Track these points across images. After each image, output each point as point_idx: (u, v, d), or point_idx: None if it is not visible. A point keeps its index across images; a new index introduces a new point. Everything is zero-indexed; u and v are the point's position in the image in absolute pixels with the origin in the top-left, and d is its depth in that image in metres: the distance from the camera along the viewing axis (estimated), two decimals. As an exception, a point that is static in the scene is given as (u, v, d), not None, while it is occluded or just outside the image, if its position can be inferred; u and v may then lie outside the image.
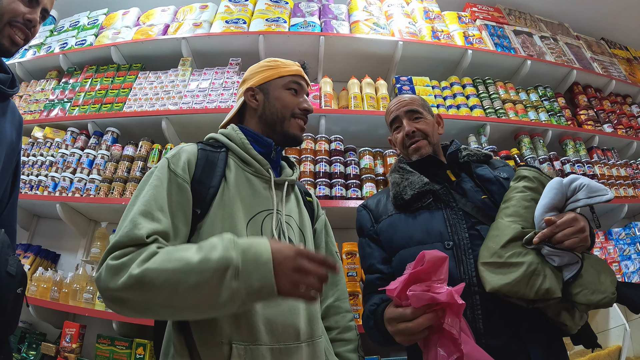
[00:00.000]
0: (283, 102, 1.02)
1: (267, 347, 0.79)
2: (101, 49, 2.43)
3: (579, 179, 0.91)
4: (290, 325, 0.84)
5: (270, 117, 1.02)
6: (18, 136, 1.05)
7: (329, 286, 1.08)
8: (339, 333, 1.03)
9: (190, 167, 0.89)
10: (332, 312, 1.05)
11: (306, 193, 1.14)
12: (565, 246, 0.85)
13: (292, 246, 0.72)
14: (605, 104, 2.70)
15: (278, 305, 0.83)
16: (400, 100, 1.24)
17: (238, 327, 0.78)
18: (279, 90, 1.04)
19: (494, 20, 2.84)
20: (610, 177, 2.26)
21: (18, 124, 1.05)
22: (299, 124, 1.04)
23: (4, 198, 1.02)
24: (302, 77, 1.07)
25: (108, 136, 2.12)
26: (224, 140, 0.99)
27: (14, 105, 1.06)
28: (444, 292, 0.74)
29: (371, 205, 1.20)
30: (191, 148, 0.94)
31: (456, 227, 1.02)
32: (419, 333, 0.78)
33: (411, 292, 0.76)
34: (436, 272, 0.78)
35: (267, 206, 0.93)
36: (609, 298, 0.83)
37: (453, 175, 1.15)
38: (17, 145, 1.05)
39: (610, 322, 1.58)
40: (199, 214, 0.86)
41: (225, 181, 0.91)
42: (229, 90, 2.16)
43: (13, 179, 1.05)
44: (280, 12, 2.49)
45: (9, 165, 1.01)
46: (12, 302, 0.89)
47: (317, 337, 0.90)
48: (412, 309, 0.77)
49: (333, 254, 1.12)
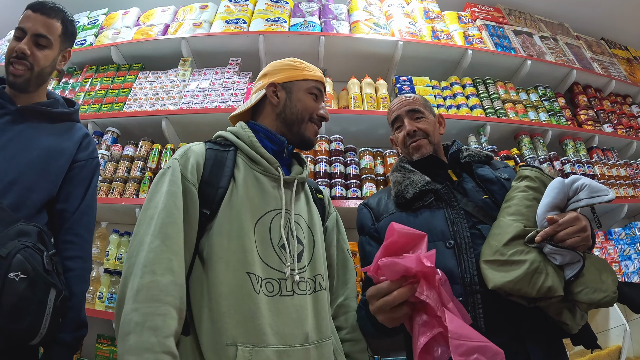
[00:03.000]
0: (304, 104, 1.03)
1: (273, 349, 0.78)
2: (101, 49, 2.43)
3: (580, 179, 0.92)
4: (298, 328, 0.83)
5: (290, 117, 1.02)
6: (75, 150, 1.15)
7: (340, 285, 1.07)
8: (349, 332, 1.01)
9: (199, 168, 0.90)
10: (342, 311, 1.04)
11: (317, 190, 1.13)
12: (567, 245, 0.85)
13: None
14: (605, 104, 2.70)
15: (286, 309, 0.83)
16: (402, 99, 1.24)
17: (244, 330, 0.77)
18: (302, 93, 1.04)
19: (494, 20, 2.84)
20: (610, 177, 2.25)
21: (77, 141, 1.17)
22: (315, 129, 1.05)
23: (71, 206, 1.10)
24: (323, 85, 1.09)
25: (108, 136, 2.12)
26: (232, 139, 0.99)
27: (79, 127, 1.20)
28: (411, 258, 0.70)
29: (372, 203, 1.20)
30: (199, 149, 0.94)
31: (457, 226, 1.02)
32: (399, 310, 0.74)
33: (381, 262, 0.73)
34: (414, 249, 0.75)
35: (276, 205, 0.92)
36: (610, 297, 0.84)
37: (454, 175, 1.15)
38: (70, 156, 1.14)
39: (610, 322, 1.58)
40: (208, 215, 0.86)
41: (234, 181, 0.91)
42: (229, 90, 2.16)
43: (72, 187, 1.13)
44: (280, 12, 2.49)
45: (57, 170, 1.10)
46: (7, 290, 0.82)
47: (325, 338, 0.88)
48: (388, 283, 0.74)
49: (345, 251, 1.11)
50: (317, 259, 0.95)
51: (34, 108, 1.11)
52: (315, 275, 0.92)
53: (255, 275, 0.82)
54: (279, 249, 0.88)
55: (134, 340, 0.69)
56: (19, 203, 0.99)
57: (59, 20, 1.15)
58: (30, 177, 1.03)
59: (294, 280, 0.86)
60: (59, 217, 1.09)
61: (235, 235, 0.85)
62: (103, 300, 1.70)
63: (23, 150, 1.04)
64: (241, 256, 0.83)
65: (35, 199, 1.03)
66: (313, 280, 0.91)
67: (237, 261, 0.83)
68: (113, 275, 1.75)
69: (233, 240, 0.84)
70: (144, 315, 0.70)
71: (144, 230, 0.80)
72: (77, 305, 1.04)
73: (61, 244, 1.07)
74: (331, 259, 1.07)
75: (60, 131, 1.14)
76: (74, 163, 1.13)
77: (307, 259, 0.93)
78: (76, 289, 1.03)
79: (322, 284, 0.93)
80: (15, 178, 1.00)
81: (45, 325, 0.88)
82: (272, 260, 0.86)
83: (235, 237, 0.85)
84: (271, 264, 0.86)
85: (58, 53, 1.17)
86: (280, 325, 0.81)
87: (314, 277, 0.92)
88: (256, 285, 0.82)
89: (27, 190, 1.01)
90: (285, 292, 0.84)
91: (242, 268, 0.82)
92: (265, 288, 0.83)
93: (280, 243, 0.88)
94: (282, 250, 0.88)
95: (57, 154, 1.10)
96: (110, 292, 1.71)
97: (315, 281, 0.92)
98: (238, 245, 0.84)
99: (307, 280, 0.89)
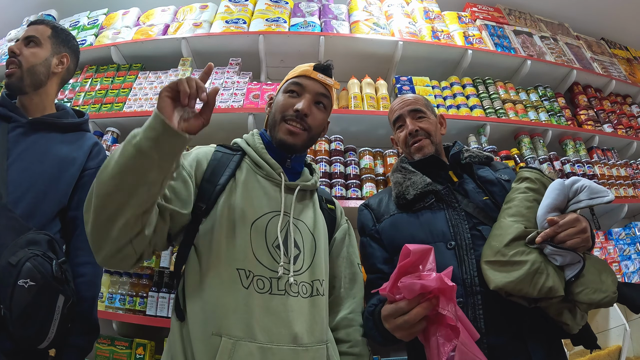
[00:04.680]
0: (277, 105, 1.01)
1: (256, 344, 0.77)
2: (101, 49, 2.43)
3: (580, 180, 0.93)
4: (286, 328, 0.82)
5: (271, 124, 1.02)
6: (85, 159, 1.17)
7: (346, 296, 1.02)
8: (350, 347, 0.97)
9: (200, 166, 0.92)
10: (345, 324, 0.99)
11: (328, 200, 1.11)
12: (568, 246, 0.86)
13: None
14: (605, 104, 2.70)
15: (275, 307, 0.83)
16: (404, 99, 1.24)
17: (230, 322, 0.78)
18: (280, 94, 1.03)
19: (494, 20, 2.84)
20: (610, 177, 2.26)
21: (87, 149, 1.19)
22: (286, 128, 0.96)
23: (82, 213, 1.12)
24: (306, 77, 1.01)
25: (108, 136, 2.12)
26: (242, 145, 1.01)
27: (90, 137, 1.24)
28: (433, 278, 0.75)
29: (373, 204, 1.20)
30: (207, 149, 0.96)
31: (458, 227, 1.02)
32: (417, 325, 0.77)
33: (401, 284, 0.77)
34: (423, 263, 0.79)
35: (275, 208, 0.92)
36: (610, 297, 0.84)
37: (455, 176, 1.15)
38: (80, 165, 1.15)
39: (610, 322, 1.59)
40: (203, 209, 0.87)
41: (234, 181, 0.92)
42: (229, 90, 2.16)
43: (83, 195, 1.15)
44: (280, 12, 2.49)
45: (69, 179, 1.12)
46: (16, 297, 0.87)
47: (319, 342, 0.86)
48: (407, 301, 0.77)
49: (355, 265, 1.07)
50: (318, 265, 0.94)
51: (44, 120, 1.15)
52: (313, 280, 0.91)
53: (246, 271, 0.83)
54: (273, 249, 0.88)
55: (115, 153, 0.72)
56: (31, 212, 1.02)
57: (48, 26, 1.25)
58: (42, 187, 1.06)
59: (288, 281, 0.86)
60: (71, 224, 1.12)
61: (230, 231, 0.86)
62: (103, 300, 1.70)
63: (36, 161, 1.08)
64: (234, 251, 0.84)
65: (47, 208, 1.06)
66: (311, 284, 0.90)
67: (229, 256, 0.84)
68: (113, 275, 1.75)
69: (227, 236, 0.86)
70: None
71: None
72: (88, 309, 1.07)
73: (72, 250, 1.10)
74: (337, 270, 1.04)
75: (71, 141, 1.17)
76: (84, 171, 1.16)
77: (307, 263, 0.92)
78: (86, 294, 1.06)
79: (319, 289, 0.91)
80: (28, 188, 1.03)
81: (53, 330, 0.92)
82: (264, 258, 0.86)
83: (229, 233, 0.86)
84: (263, 261, 0.86)
85: (50, 53, 1.22)
86: (267, 322, 0.80)
87: (312, 282, 0.91)
88: (245, 281, 0.82)
89: (39, 199, 1.04)
90: (277, 291, 0.84)
91: (234, 263, 0.83)
92: (256, 285, 0.83)
93: (275, 243, 0.88)
94: (276, 250, 0.88)
95: (68, 164, 1.13)
96: (110, 292, 1.71)
97: (313, 286, 0.90)
98: (232, 241, 0.85)
99: (304, 284, 0.89)
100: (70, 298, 0.96)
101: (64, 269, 0.97)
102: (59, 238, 1.07)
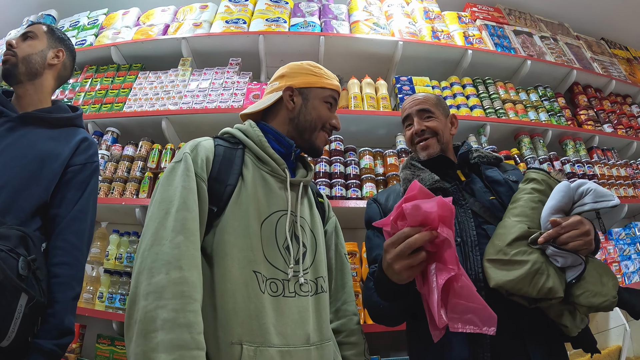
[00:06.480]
0: (319, 113, 1.03)
1: (276, 349, 0.78)
2: (101, 49, 2.43)
3: (586, 183, 0.93)
4: (300, 329, 0.83)
5: (303, 124, 1.02)
6: (70, 154, 1.13)
7: (338, 289, 1.07)
8: (346, 336, 1.02)
9: (208, 164, 0.89)
10: (339, 315, 1.04)
11: (318, 194, 1.14)
12: (570, 248, 0.86)
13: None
14: (605, 104, 2.70)
15: (289, 309, 0.83)
16: (415, 98, 1.25)
17: (249, 328, 0.77)
18: (318, 101, 1.04)
19: (494, 20, 2.84)
20: (610, 177, 2.26)
21: (74, 145, 1.16)
22: (325, 138, 1.05)
23: (64, 211, 1.08)
24: (339, 93, 1.09)
25: (108, 136, 2.12)
26: (240, 137, 0.98)
27: (80, 132, 1.22)
28: (434, 200, 0.75)
29: (381, 199, 1.22)
30: (209, 144, 0.93)
31: (464, 225, 1.03)
32: (417, 256, 0.76)
33: (404, 206, 0.76)
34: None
35: (282, 206, 0.92)
36: (610, 301, 0.84)
37: (463, 175, 1.16)
38: (64, 161, 1.12)
39: (610, 322, 1.59)
40: (215, 212, 0.85)
41: (243, 179, 0.90)
42: (229, 90, 2.16)
43: (66, 192, 1.11)
44: (280, 12, 2.49)
45: (50, 175, 1.08)
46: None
47: (326, 340, 0.89)
48: (408, 228, 0.76)
49: (342, 256, 1.11)
50: (319, 262, 0.96)
51: (34, 115, 1.13)
52: (317, 278, 0.93)
53: (261, 275, 0.83)
54: (284, 250, 0.88)
55: (163, 337, 0.66)
56: (6, 207, 0.98)
57: (43, 25, 1.29)
58: (22, 182, 1.02)
59: (298, 281, 0.87)
60: (51, 222, 1.08)
61: (243, 233, 0.85)
62: (103, 300, 1.70)
63: (18, 157, 1.05)
64: (248, 254, 0.83)
65: (25, 204, 1.02)
66: (315, 282, 0.92)
67: (244, 259, 0.82)
68: (113, 275, 1.75)
69: (240, 238, 0.84)
70: (175, 312, 0.69)
71: (159, 224, 0.77)
72: (61, 312, 1.00)
73: (50, 249, 1.05)
74: (330, 262, 1.08)
75: (60, 136, 1.14)
76: (68, 167, 1.12)
77: (310, 261, 0.93)
78: (60, 295, 1.00)
79: (323, 286, 0.94)
80: (6, 182, 1.00)
81: (13, 330, 0.87)
82: (276, 261, 0.86)
83: (242, 235, 0.84)
84: (276, 264, 0.86)
85: (46, 45, 1.24)
86: (283, 325, 0.81)
87: (316, 280, 0.93)
88: (262, 285, 0.82)
89: (16, 194, 1.01)
90: (288, 293, 0.85)
91: (249, 266, 0.82)
92: (269, 288, 0.83)
93: (285, 244, 0.89)
94: (286, 251, 0.88)
95: (51, 159, 1.09)
96: (110, 292, 1.71)
97: (317, 283, 0.93)
98: (245, 243, 0.84)
99: (309, 282, 0.90)
100: (34, 298, 0.90)
101: (33, 267, 0.92)
102: (39, 235, 1.02)
